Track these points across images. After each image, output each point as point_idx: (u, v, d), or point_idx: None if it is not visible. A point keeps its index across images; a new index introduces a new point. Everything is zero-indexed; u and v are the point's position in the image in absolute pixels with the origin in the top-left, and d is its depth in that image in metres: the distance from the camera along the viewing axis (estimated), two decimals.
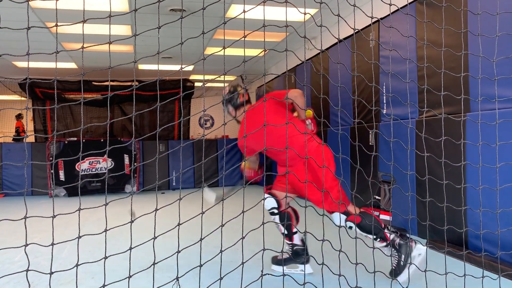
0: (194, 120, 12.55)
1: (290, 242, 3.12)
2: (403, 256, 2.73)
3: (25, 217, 1.62)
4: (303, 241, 3.14)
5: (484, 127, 2.92)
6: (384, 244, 2.77)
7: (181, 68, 1.42)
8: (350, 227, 2.80)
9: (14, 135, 11.59)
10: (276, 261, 3.22)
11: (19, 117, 12.05)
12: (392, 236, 2.78)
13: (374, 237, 2.73)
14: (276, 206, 3.05)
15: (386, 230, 2.77)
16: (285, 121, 2.46)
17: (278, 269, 3.10)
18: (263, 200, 2.88)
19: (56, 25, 1.53)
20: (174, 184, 9.07)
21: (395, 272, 2.75)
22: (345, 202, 2.83)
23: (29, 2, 1.39)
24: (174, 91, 9.70)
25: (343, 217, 2.82)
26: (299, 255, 3.10)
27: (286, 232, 3.06)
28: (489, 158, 2.88)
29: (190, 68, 9.83)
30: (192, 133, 12.71)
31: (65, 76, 10.37)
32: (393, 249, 2.77)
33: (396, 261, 2.75)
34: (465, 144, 3.31)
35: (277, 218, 3.06)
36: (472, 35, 3.29)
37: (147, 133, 10.21)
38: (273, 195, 3.08)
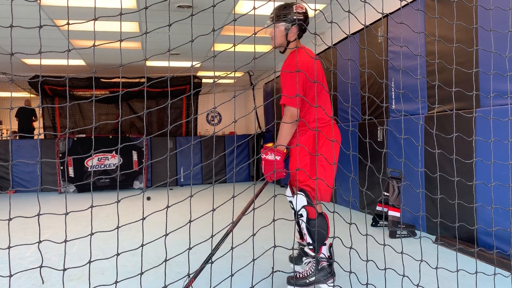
0: (201, 116, 12.59)
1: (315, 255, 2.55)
2: (314, 277, 2.51)
3: (38, 214, 1.64)
4: (330, 254, 2.59)
5: (494, 123, 2.88)
6: (312, 254, 2.54)
7: (192, 65, 1.43)
8: (301, 215, 2.50)
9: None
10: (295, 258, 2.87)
11: None
12: (323, 254, 2.54)
13: (311, 241, 2.49)
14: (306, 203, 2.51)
15: (324, 249, 2.54)
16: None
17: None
18: (293, 196, 2.55)
19: (68, 24, 1.54)
20: (182, 180, 9.12)
21: (296, 280, 2.54)
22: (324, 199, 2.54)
23: (39, 0, 1.39)
24: (182, 87, 9.75)
25: (305, 202, 2.50)
26: (324, 271, 2.55)
27: (311, 241, 2.50)
28: (500, 154, 2.85)
29: (197, 64, 9.84)
30: (200, 129, 12.73)
31: (74, 73, 10.34)
32: (313, 264, 2.55)
33: (306, 274, 2.55)
34: (475, 140, 3.28)
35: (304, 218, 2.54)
36: (482, 30, 3.25)
37: (155, 129, 10.25)
38: (305, 191, 2.53)
